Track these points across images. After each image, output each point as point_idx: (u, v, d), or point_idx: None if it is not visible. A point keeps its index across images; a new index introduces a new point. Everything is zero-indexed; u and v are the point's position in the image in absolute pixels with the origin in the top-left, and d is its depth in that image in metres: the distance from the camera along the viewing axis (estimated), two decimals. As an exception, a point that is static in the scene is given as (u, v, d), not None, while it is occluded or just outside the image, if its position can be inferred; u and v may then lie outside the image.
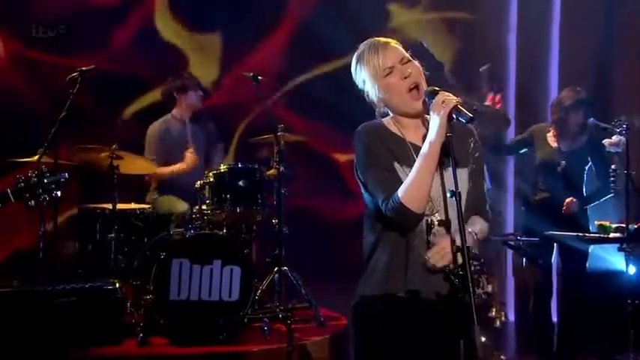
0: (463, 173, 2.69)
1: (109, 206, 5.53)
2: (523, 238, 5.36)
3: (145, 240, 5.67)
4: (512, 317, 6.60)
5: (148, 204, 6.08)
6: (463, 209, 2.54)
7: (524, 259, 5.51)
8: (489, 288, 5.18)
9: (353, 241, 3.12)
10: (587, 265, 5.33)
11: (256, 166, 5.81)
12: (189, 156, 6.01)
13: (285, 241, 5.70)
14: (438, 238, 2.59)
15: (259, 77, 5.78)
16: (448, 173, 2.57)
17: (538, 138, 5.54)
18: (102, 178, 5.49)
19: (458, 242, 2.50)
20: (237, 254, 5.31)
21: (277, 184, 5.72)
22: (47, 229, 5.32)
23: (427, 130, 2.59)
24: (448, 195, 2.48)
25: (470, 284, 2.43)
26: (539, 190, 5.55)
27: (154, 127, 6.17)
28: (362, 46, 2.72)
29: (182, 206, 5.86)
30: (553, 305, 5.63)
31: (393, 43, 2.72)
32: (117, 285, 5.17)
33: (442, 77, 6.09)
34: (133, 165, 5.76)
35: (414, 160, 2.58)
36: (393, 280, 2.63)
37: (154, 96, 6.73)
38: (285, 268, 5.70)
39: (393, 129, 2.71)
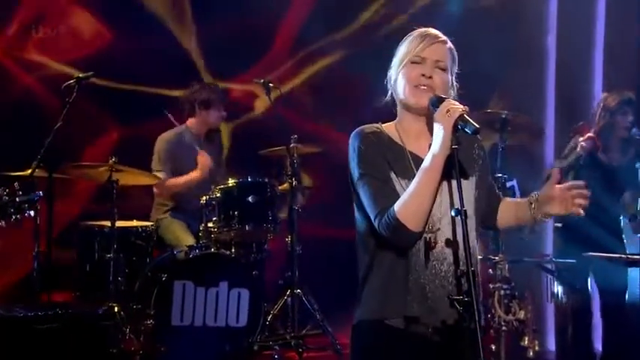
0: (470, 184, 2.62)
1: (108, 223, 5.38)
2: (558, 260, 5.23)
3: (147, 260, 5.58)
4: (552, 347, 6.43)
5: (152, 222, 5.90)
6: (474, 221, 2.52)
7: (560, 283, 5.32)
8: (521, 314, 5.09)
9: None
10: (629, 289, 5.12)
11: (267, 181, 5.69)
12: (203, 159, 5.82)
13: (299, 261, 5.64)
14: (438, 257, 2.51)
15: (270, 84, 5.67)
16: (454, 188, 2.49)
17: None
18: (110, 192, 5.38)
19: (463, 266, 2.45)
20: (245, 276, 5.28)
21: (290, 199, 5.65)
22: (42, 249, 5.23)
23: (431, 140, 2.51)
24: (452, 214, 2.41)
25: (476, 312, 2.34)
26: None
27: (165, 139, 5.96)
28: (419, 29, 2.65)
29: (187, 240, 5.67)
30: (597, 334, 5.57)
31: (448, 44, 2.63)
32: (114, 309, 5.09)
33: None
34: (135, 178, 5.60)
35: (413, 173, 2.50)
36: (389, 305, 2.54)
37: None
38: (298, 290, 5.65)
39: (394, 135, 2.62)
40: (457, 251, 2.46)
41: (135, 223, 5.80)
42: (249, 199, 5.57)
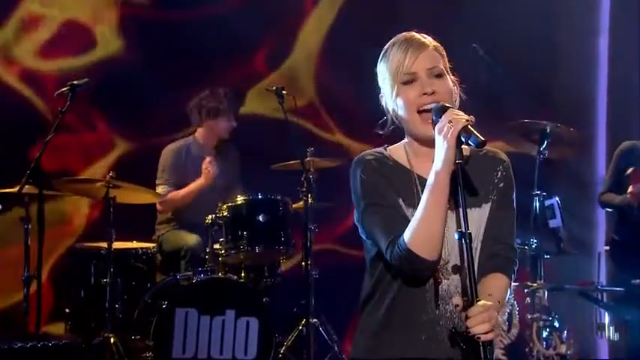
0: (483, 212, 2.51)
1: (105, 245, 5.15)
2: (605, 288, 5.06)
3: (148, 285, 5.38)
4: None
5: (154, 242, 5.74)
6: (478, 255, 2.45)
7: (609, 315, 5.14)
8: (563, 348, 4.81)
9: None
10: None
11: (279, 198, 5.48)
12: (207, 164, 5.70)
13: (315, 287, 5.41)
14: (444, 295, 2.44)
15: (284, 91, 5.43)
16: (468, 211, 2.38)
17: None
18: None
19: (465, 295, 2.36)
20: (254, 303, 5.13)
21: (305, 219, 5.41)
22: (32, 273, 4.95)
23: None
24: (456, 237, 2.32)
25: (482, 350, 2.24)
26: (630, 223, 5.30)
27: (171, 150, 5.86)
28: (395, 38, 2.54)
29: (191, 239, 5.54)
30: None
31: (432, 45, 2.51)
32: (110, 340, 4.93)
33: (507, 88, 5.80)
34: (135, 195, 5.38)
35: (420, 199, 2.41)
36: (386, 343, 2.47)
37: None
38: (314, 320, 5.41)
39: (400, 158, 2.54)
40: (466, 285, 2.34)
41: (135, 244, 5.59)
42: (260, 218, 5.40)
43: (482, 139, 2.28)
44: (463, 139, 2.31)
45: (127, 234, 5.54)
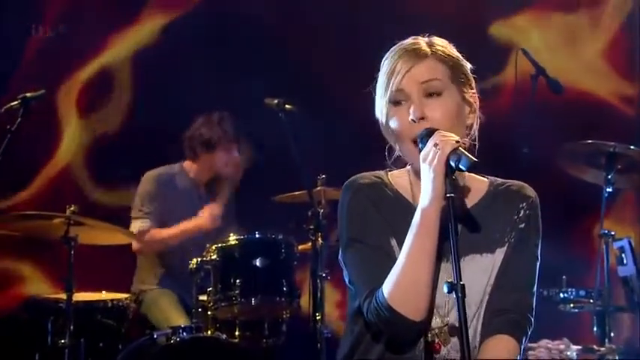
0: (496, 257, 2.35)
1: (64, 296, 4.74)
2: None
3: (119, 347, 4.99)
4: None
5: (133, 294, 5.30)
6: (483, 312, 2.32)
7: None
8: None
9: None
10: None
11: (281, 238, 5.10)
12: (210, 209, 5.34)
13: (327, 349, 4.98)
14: (449, 358, 2.32)
15: (287, 106, 4.97)
16: (468, 258, 2.30)
17: None
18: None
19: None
20: None
21: (314, 263, 5.02)
22: None
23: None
24: (445, 290, 2.15)
25: None
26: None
27: (153, 177, 5.41)
28: (399, 44, 2.40)
29: (179, 320, 5.06)
30: None
31: (437, 52, 2.33)
32: None
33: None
34: (103, 235, 4.99)
35: None
36: None
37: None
38: None
39: (402, 186, 2.41)
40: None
41: (103, 295, 5.19)
42: (257, 262, 5.00)
43: (474, 159, 2.18)
44: (452, 164, 2.19)
45: (94, 282, 5.24)
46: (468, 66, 2.35)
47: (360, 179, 2.40)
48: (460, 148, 2.21)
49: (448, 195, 2.19)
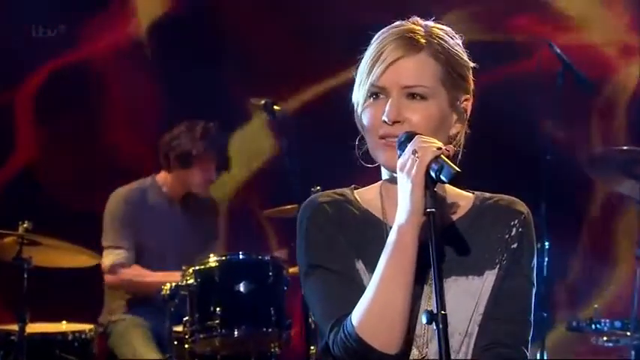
0: (485, 281, 2.24)
1: (16, 327, 4.57)
2: None
3: None
4: None
5: (101, 325, 5.04)
6: (470, 342, 2.20)
7: None
8: None
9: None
10: None
11: (268, 259, 4.87)
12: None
13: None
14: None
15: (276, 107, 4.78)
16: (451, 281, 2.20)
17: None
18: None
19: None
20: None
21: None
22: None
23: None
24: (423, 320, 2.05)
25: None
26: None
27: (122, 196, 5.14)
28: (393, 25, 2.27)
29: (149, 354, 4.94)
30: None
31: (422, 49, 2.17)
32: None
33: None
34: (62, 257, 4.80)
35: None
36: None
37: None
38: None
39: (371, 203, 2.29)
40: None
41: (63, 326, 4.92)
42: (241, 287, 4.75)
43: (457, 169, 2.10)
44: (433, 175, 2.11)
45: (52, 312, 4.99)
46: (470, 65, 2.22)
47: (319, 197, 2.31)
48: (442, 156, 2.11)
49: (428, 210, 2.09)
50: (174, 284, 4.66)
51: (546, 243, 4.79)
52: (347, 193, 2.32)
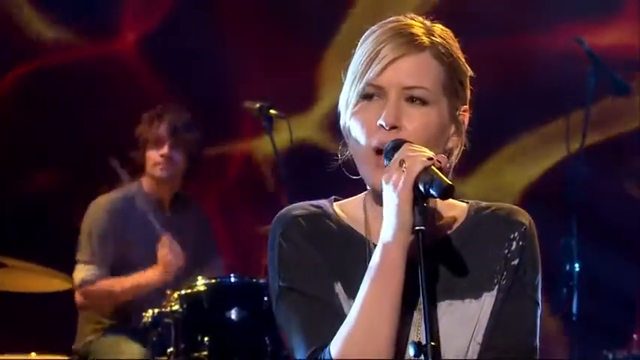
0: (484, 304, 2.16)
1: None
2: None
3: None
4: None
5: (75, 352, 4.87)
6: None
7: None
8: None
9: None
10: None
11: (264, 281, 4.74)
12: (165, 251, 4.93)
13: None
14: None
15: (272, 111, 4.65)
16: (444, 305, 2.14)
17: None
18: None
19: None
20: None
21: None
22: None
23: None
24: (410, 353, 2.01)
25: None
26: None
27: (102, 206, 5.01)
28: (383, 22, 2.19)
29: (131, 350, 4.79)
30: None
31: (424, 49, 2.11)
32: None
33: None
34: (29, 280, 4.71)
35: None
36: None
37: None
38: None
39: (352, 218, 2.20)
40: None
41: (33, 357, 4.71)
42: (232, 314, 4.64)
43: (449, 182, 1.98)
44: (422, 188, 1.99)
45: (20, 341, 4.90)
46: (469, 73, 2.13)
47: (293, 210, 2.21)
48: (433, 167, 2.03)
49: (417, 228, 2.03)
50: (156, 311, 4.47)
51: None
52: (325, 206, 2.23)
